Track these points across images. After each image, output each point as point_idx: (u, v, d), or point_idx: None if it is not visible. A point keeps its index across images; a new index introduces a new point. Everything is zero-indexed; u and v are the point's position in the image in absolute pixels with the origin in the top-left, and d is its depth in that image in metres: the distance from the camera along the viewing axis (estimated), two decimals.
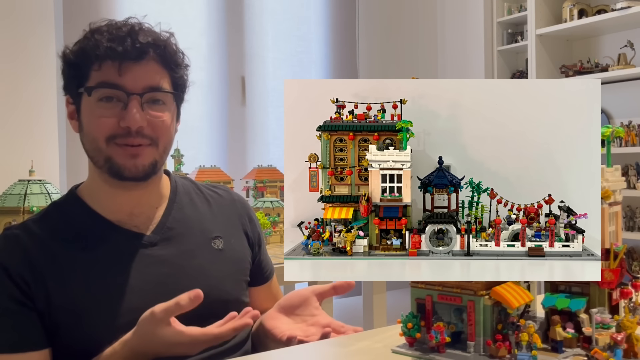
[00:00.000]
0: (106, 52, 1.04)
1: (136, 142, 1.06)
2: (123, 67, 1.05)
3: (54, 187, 2.18)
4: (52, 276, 1.03)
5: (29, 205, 2.03)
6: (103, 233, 1.10)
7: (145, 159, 1.08)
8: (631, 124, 3.77)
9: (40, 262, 1.04)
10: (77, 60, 1.08)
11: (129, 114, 1.04)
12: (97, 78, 1.06)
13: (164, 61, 1.10)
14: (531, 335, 0.81)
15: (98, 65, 1.05)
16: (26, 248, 1.05)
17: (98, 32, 1.07)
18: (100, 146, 1.07)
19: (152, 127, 1.08)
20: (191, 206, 1.21)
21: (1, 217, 2.02)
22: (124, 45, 1.04)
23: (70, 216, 1.12)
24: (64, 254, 1.06)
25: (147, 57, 1.07)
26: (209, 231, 1.19)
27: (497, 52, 4.44)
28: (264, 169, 2.96)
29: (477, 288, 0.85)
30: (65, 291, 1.02)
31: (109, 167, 1.08)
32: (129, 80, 1.05)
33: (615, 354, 0.78)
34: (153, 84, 1.08)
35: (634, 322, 0.82)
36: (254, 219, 1.31)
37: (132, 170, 1.07)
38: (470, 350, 0.85)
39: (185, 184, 1.26)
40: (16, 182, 2.13)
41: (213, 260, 1.16)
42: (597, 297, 0.88)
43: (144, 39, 1.06)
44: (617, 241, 0.93)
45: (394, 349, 0.90)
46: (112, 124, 1.06)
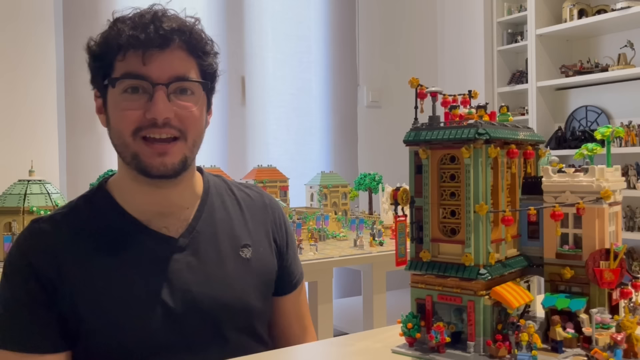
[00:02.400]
0: (129, 41, 0.99)
1: (164, 134, 1.01)
2: (147, 56, 1.00)
3: (54, 187, 2.18)
4: (78, 277, 1.01)
5: (29, 205, 2.03)
6: (132, 234, 1.06)
7: (174, 157, 1.03)
8: (631, 124, 3.77)
9: (67, 261, 1.01)
10: (101, 52, 1.03)
11: (154, 105, 0.99)
12: (122, 69, 1.01)
13: (190, 48, 1.04)
14: (531, 335, 0.81)
15: (122, 55, 1.00)
16: (53, 246, 1.03)
17: (121, 21, 1.02)
18: (126, 140, 1.02)
19: (179, 119, 1.02)
20: (222, 209, 1.16)
21: (1, 217, 2.02)
22: (147, 33, 0.99)
23: (99, 213, 1.08)
24: (91, 253, 1.03)
25: (172, 45, 1.01)
26: (238, 238, 1.15)
27: (497, 52, 4.44)
28: (264, 169, 2.96)
29: (477, 288, 0.85)
30: (91, 292, 1.00)
31: (136, 164, 1.03)
32: (154, 70, 1.00)
33: (615, 354, 0.78)
34: (179, 73, 1.02)
35: (634, 322, 0.82)
36: (283, 223, 1.25)
37: (160, 168, 1.02)
38: (470, 350, 0.85)
39: (217, 183, 1.21)
40: (16, 182, 2.14)
41: (240, 270, 1.12)
42: (597, 297, 0.88)
43: (168, 25, 1.01)
44: (617, 241, 0.93)
45: (394, 349, 0.90)
46: (138, 116, 1.00)
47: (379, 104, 4.42)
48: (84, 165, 3.18)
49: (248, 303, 1.11)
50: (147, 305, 1.02)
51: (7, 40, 2.93)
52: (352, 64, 4.32)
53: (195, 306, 1.04)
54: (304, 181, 3.21)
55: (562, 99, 4.25)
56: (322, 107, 4.14)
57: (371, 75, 4.41)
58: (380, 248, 2.41)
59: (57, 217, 1.08)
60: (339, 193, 3.08)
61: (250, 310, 1.11)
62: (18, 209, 2.02)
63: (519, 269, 0.94)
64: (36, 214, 2.02)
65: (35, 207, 2.03)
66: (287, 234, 1.26)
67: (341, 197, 3.09)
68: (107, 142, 3.50)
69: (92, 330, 1.00)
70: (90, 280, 1.01)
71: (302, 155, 3.99)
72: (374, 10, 4.43)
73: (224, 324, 1.07)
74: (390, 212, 2.78)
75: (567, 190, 0.90)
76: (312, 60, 4.09)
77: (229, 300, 1.07)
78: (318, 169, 3.38)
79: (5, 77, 2.93)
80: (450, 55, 4.69)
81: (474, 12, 4.47)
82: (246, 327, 1.11)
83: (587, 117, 4.09)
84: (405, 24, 4.58)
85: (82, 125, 3.23)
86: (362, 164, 4.21)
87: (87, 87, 1.10)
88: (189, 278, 1.06)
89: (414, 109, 0.93)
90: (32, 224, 1.07)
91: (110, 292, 1.01)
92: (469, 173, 0.86)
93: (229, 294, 1.08)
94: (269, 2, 3.90)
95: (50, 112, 3.07)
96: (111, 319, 1.00)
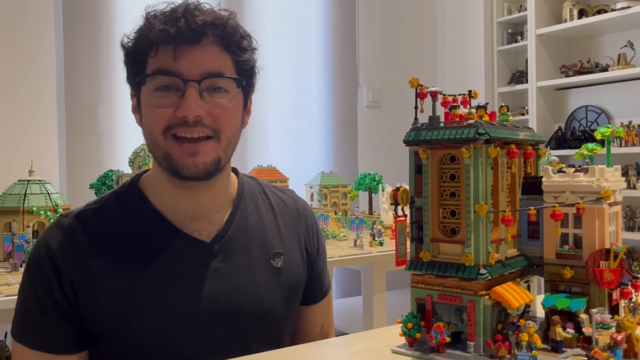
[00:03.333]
0: (159, 36, 0.95)
1: (195, 133, 0.97)
2: (178, 52, 0.95)
3: (54, 187, 2.18)
4: (104, 279, 0.98)
5: (29, 205, 2.03)
6: (163, 236, 1.03)
7: (205, 156, 0.98)
8: (631, 124, 3.77)
9: (93, 262, 0.98)
10: (134, 48, 1.00)
11: (185, 102, 0.95)
12: (153, 65, 0.97)
13: (224, 43, 0.99)
14: (531, 335, 0.81)
15: (154, 51, 0.97)
16: (80, 245, 0.99)
17: (153, 16, 0.98)
18: (157, 139, 0.98)
19: (212, 118, 0.98)
20: (256, 214, 1.13)
21: (1, 217, 2.02)
22: (178, 27, 0.95)
23: (131, 211, 1.05)
24: (119, 255, 1.00)
25: (204, 40, 0.96)
26: (271, 246, 1.11)
27: (497, 52, 4.44)
28: (264, 169, 2.96)
29: (477, 288, 0.85)
30: (115, 296, 0.98)
31: (167, 164, 0.99)
32: (186, 66, 0.96)
33: (615, 354, 0.78)
34: (212, 69, 0.97)
35: (634, 322, 0.82)
36: (315, 232, 1.22)
37: (191, 169, 0.98)
38: (470, 350, 0.85)
39: (252, 186, 1.17)
40: (16, 182, 2.14)
41: (270, 280, 1.09)
42: (597, 297, 0.88)
43: (201, 19, 0.96)
44: (617, 241, 0.93)
45: (394, 349, 0.90)
46: (169, 114, 0.97)
47: (379, 104, 4.42)
48: (84, 165, 3.18)
49: (276, 314, 1.09)
50: (172, 311, 0.99)
51: (7, 40, 2.93)
52: (352, 64, 4.32)
53: (222, 315, 1.02)
54: (304, 181, 3.21)
55: (562, 99, 4.25)
56: (322, 107, 4.13)
57: (371, 75, 4.41)
58: (380, 248, 2.41)
59: (86, 212, 1.04)
60: (339, 193, 3.08)
61: (276, 321, 1.09)
62: (18, 209, 2.02)
63: (519, 269, 0.94)
64: (36, 214, 2.02)
65: (35, 207, 2.03)
66: (319, 242, 1.23)
67: (341, 197, 3.09)
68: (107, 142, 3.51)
69: (112, 334, 0.98)
70: (116, 284, 0.98)
71: (302, 155, 3.99)
72: (374, 10, 4.43)
73: (249, 334, 1.05)
74: (390, 212, 2.78)
75: (567, 190, 0.90)
76: (312, 60, 4.09)
77: (256, 312, 1.05)
78: (318, 169, 3.38)
79: (5, 77, 2.93)
80: (450, 55, 4.69)
81: (474, 12, 4.47)
82: (271, 337, 1.09)
83: (587, 117, 4.09)
84: (405, 24, 4.58)
85: (82, 125, 3.23)
86: (362, 164, 4.21)
87: (87, 87, 1.10)
88: (217, 286, 1.03)
89: (414, 109, 0.93)
90: (61, 218, 1.04)
91: (136, 297, 0.98)
92: (469, 173, 0.86)
93: (257, 306, 1.05)
94: (269, 2, 3.89)
95: (50, 112, 3.07)
96: (133, 323, 0.98)
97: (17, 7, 2.96)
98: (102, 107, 3.29)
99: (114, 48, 3.35)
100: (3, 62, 2.93)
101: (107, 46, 3.28)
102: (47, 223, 2.04)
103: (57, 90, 3.10)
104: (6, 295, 1.55)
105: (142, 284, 0.99)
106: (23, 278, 1.02)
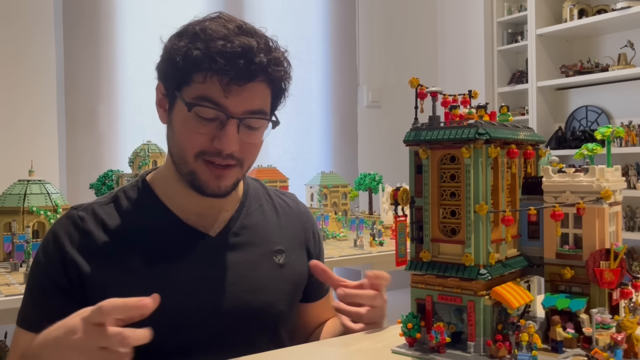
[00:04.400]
0: (214, 68, 0.95)
1: (224, 163, 1.01)
2: (230, 89, 0.97)
3: (54, 187, 2.18)
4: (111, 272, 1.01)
5: (29, 205, 2.03)
6: (170, 229, 1.07)
7: (228, 180, 1.04)
8: (631, 124, 3.77)
9: (102, 256, 1.02)
10: (183, 64, 0.98)
11: (225, 138, 0.98)
12: (200, 91, 0.98)
13: (271, 83, 1.03)
14: (531, 335, 0.81)
15: (203, 76, 0.97)
16: (89, 234, 1.03)
17: (210, 38, 0.97)
18: (187, 159, 1.02)
19: (242, 150, 1.02)
20: (260, 213, 1.17)
21: (1, 217, 2.02)
22: (238, 67, 0.95)
23: (139, 205, 1.09)
24: (127, 246, 1.03)
25: (256, 80, 0.99)
26: (273, 243, 1.15)
27: (497, 52, 4.44)
28: (264, 169, 2.96)
29: (477, 288, 0.85)
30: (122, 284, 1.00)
31: (191, 180, 1.03)
32: (233, 102, 0.98)
33: (616, 354, 0.78)
34: (255, 108, 1.01)
35: (634, 322, 0.82)
36: (316, 233, 1.27)
37: (214, 190, 1.03)
38: (470, 350, 0.85)
39: (257, 187, 1.22)
40: (16, 182, 2.14)
41: (273, 275, 1.12)
42: (597, 297, 0.88)
43: (260, 60, 0.98)
44: (617, 241, 0.93)
45: (394, 349, 0.90)
46: (205, 141, 1.00)
47: (379, 104, 4.42)
48: (84, 165, 3.18)
49: (277, 309, 1.11)
50: (176, 303, 1.01)
51: (7, 40, 2.93)
52: (352, 64, 4.32)
53: (225, 308, 1.05)
54: (304, 181, 3.21)
55: (562, 99, 4.25)
56: (322, 107, 4.14)
57: (371, 75, 4.41)
58: (380, 248, 2.41)
59: (96, 206, 1.08)
60: (339, 193, 3.08)
61: (278, 316, 1.12)
62: (18, 209, 2.02)
63: (519, 269, 0.94)
64: (36, 214, 2.02)
65: (35, 207, 2.03)
66: (320, 243, 1.28)
67: (341, 197, 3.09)
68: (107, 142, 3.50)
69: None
70: (123, 275, 1.01)
71: (302, 155, 3.99)
72: (374, 10, 4.43)
73: (252, 327, 1.08)
74: (390, 212, 2.78)
75: (567, 190, 0.90)
76: (312, 60, 4.09)
77: (259, 305, 1.08)
78: (318, 169, 3.38)
79: (5, 77, 2.93)
80: (451, 55, 4.69)
81: (474, 12, 4.47)
82: (272, 331, 1.12)
83: (587, 117, 4.09)
84: (406, 24, 4.58)
85: (82, 125, 3.23)
86: (362, 164, 4.21)
87: (87, 87, 1.11)
88: (221, 279, 1.06)
89: (414, 109, 0.93)
90: (72, 210, 1.08)
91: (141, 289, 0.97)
92: (469, 173, 0.86)
93: (259, 299, 1.08)
94: (269, 2, 3.90)
95: (50, 112, 3.07)
96: None
97: (17, 7, 2.96)
98: (102, 107, 3.29)
99: (114, 48, 3.36)
100: (3, 62, 2.93)
101: (107, 46, 3.28)
102: (47, 223, 2.04)
103: (57, 90, 3.10)
104: (6, 295, 1.54)
105: (147, 276, 1.02)
106: (31, 266, 1.07)
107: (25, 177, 2.15)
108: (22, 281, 1.69)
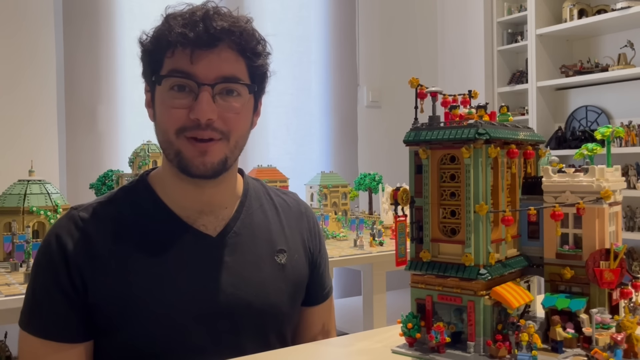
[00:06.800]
0: (177, 39, 0.98)
1: (206, 136, 1.00)
2: (195, 55, 0.99)
3: (54, 187, 2.18)
4: (113, 271, 1.01)
5: (29, 205, 2.03)
6: (171, 230, 1.06)
7: (214, 156, 1.02)
8: (631, 124, 3.77)
9: (103, 254, 1.01)
10: (152, 47, 1.03)
11: (198, 106, 0.98)
12: (169, 66, 1.01)
13: (240, 49, 1.02)
14: (531, 335, 0.81)
15: (171, 52, 1.00)
16: (91, 236, 1.02)
17: (172, 17, 1.01)
18: (170, 138, 1.02)
19: (223, 120, 1.01)
20: (260, 213, 1.16)
21: (1, 217, 2.02)
22: (196, 31, 0.98)
23: (139, 205, 1.08)
24: (128, 246, 1.03)
25: (220, 45, 1.00)
26: (275, 243, 1.14)
27: (497, 52, 4.44)
28: (264, 169, 2.96)
29: (477, 288, 0.85)
30: (123, 288, 1.00)
31: (178, 161, 1.03)
32: (201, 69, 0.99)
33: (615, 354, 0.78)
34: (226, 74, 1.01)
35: (634, 322, 0.82)
36: (317, 233, 1.26)
37: (200, 167, 1.02)
38: (470, 350, 0.85)
39: (257, 187, 1.21)
40: (16, 182, 2.14)
41: (274, 275, 1.12)
42: (597, 297, 0.88)
43: (219, 24, 0.99)
44: (617, 241, 0.93)
45: (394, 349, 0.90)
46: (183, 116, 1.00)
47: (379, 104, 4.42)
48: (84, 165, 3.18)
49: (279, 309, 1.11)
50: (179, 303, 1.01)
51: (7, 40, 2.93)
52: (352, 64, 4.31)
53: (227, 308, 1.04)
54: (304, 181, 3.21)
55: (562, 99, 4.25)
56: (322, 107, 4.13)
57: (371, 75, 4.41)
58: (380, 248, 2.41)
59: (96, 206, 1.08)
60: (339, 193, 3.08)
61: (280, 316, 1.12)
62: (18, 209, 2.02)
63: (519, 269, 0.94)
64: (36, 214, 2.02)
65: (35, 207, 2.03)
66: (321, 244, 1.26)
67: (341, 197, 3.09)
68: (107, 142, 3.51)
69: (119, 325, 1.00)
70: (124, 275, 1.01)
71: (302, 155, 3.99)
72: (374, 10, 4.43)
73: (254, 328, 1.07)
74: (390, 212, 2.78)
75: (567, 190, 0.90)
76: (312, 60, 4.09)
77: (261, 305, 1.07)
78: (318, 169, 3.38)
79: (5, 77, 2.93)
80: (450, 55, 4.69)
81: (474, 12, 4.47)
82: (274, 331, 1.11)
83: (587, 117, 4.09)
84: (406, 24, 4.58)
85: (82, 125, 3.23)
86: (362, 164, 4.21)
87: (87, 87, 1.11)
88: (223, 279, 1.05)
89: (414, 109, 0.93)
90: (72, 210, 1.07)
91: (143, 289, 1.01)
92: (469, 173, 0.86)
93: (261, 299, 1.08)
94: (269, 2, 3.89)
95: (50, 112, 3.07)
96: (140, 315, 1.00)
97: (17, 6, 2.96)
98: (102, 107, 3.29)
99: (114, 47, 3.36)
100: (3, 61, 2.93)
101: (107, 46, 3.28)
102: (47, 223, 2.04)
103: (57, 90, 3.10)
104: (6, 295, 1.54)
105: (149, 276, 1.01)
106: (32, 267, 1.06)
107: (25, 177, 2.15)
108: (22, 281, 1.69)
